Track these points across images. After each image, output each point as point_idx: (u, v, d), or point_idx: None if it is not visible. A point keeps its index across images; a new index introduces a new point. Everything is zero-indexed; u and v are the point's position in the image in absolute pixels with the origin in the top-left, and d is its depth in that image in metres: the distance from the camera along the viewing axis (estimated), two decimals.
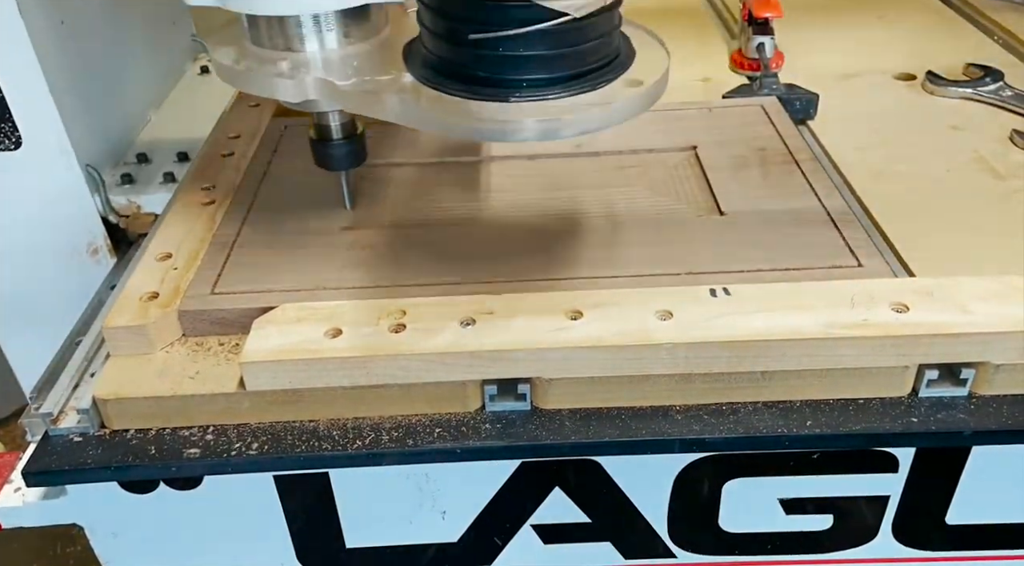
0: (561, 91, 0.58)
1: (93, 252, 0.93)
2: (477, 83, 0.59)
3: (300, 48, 0.67)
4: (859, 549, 0.73)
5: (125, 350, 0.67)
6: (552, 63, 0.58)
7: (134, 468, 0.62)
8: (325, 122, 0.74)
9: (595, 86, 0.59)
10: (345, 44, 0.67)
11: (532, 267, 0.72)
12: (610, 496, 0.69)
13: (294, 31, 0.66)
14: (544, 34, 0.55)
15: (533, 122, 0.57)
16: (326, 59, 0.67)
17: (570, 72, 0.59)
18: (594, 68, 0.60)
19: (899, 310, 0.63)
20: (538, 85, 0.58)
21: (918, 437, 0.63)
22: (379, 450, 0.62)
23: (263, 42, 0.68)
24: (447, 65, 0.61)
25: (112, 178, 0.96)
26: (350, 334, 0.63)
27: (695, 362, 0.63)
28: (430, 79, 0.61)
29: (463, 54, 0.59)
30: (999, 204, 0.81)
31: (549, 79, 0.58)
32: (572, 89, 0.58)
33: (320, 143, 0.75)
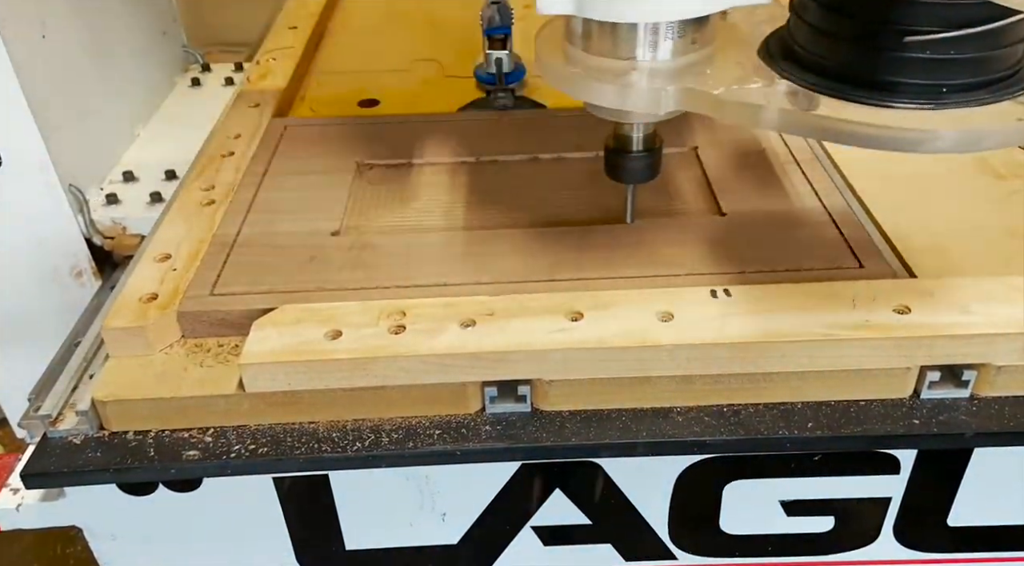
0: (984, 98, 0.54)
1: (77, 275, 0.91)
2: (885, 89, 0.54)
3: (646, 55, 0.61)
4: (860, 551, 0.73)
5: (124, 352, 0.67)
6: (977, 67, 0.53)
7: (133, 470, 0.62)
8: (627, 133, 0.70)
9: (1014, 94, 0.54)
10: (692, 51, 0.62)
11: (532, 268, 0.72)
12: (611, 498, 0.69)
13: (644, 37, 0.61)
14: (981, 35, 0.51)
15: (953, 133, 0.52)
16: (676, 67, 0.61)
17: (989, 78, 0.54)
18: (1008, 74, 0.55)
19: (900, 311, 0.63)
20: (958, 90, 0.53)
21: (920, 439, 0.63)
22: (379, 452, 0.62)
23: (603, 50, 0.62)
24: (843, 69, 0.56)
25: (96, 198, 0.93)
26: (350, 335, 0.63)
27: (696, 363, 0.62)
28: (820, 85, 0.56)
29: (876, 57, 0.54)
30: (999, 204, 0.81)
31: (970, 84, 0.54)
32: (994, 96, 0.54)
33: (617, 154, 0.71)
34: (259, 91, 1.03)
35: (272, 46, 1.18)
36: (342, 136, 0.94)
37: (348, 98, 1.06)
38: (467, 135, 0.93)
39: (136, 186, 0.97)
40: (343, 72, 1.16)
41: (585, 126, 0.94)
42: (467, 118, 0.99)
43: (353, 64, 1.18)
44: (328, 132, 0.95)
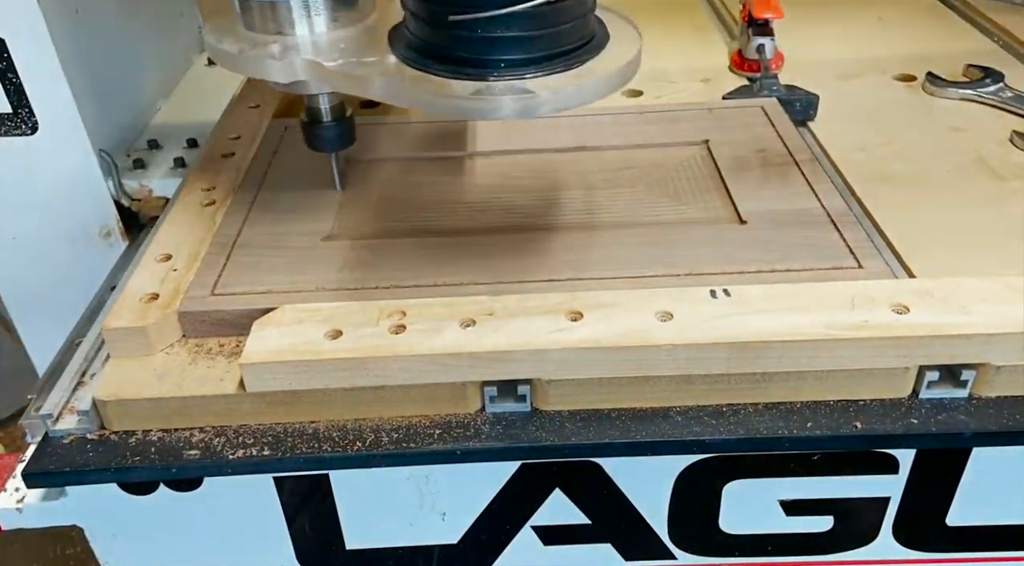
0: (537, 71, 0.62)
1: (106, 235, 0.95)
2: (457, 63, 0.62)
3: (291, 32, 0.70)
4: (859, 550, 0.73)
5: (125, 351, 0.67)
6: (529, 44, 0.61)
7: (134, 469, 0.62)
8: (316, 105, 0.78)
9: (569, 66, 0.62)
10: (333, 28, 0.71)
11: (532, 267, 0.72)
12: (610, 498, 0.69)
13: (285, 16, 0.70)
14: (522, 15, 0.59)
15: (510, 100, 0.60)
16: (315, 42, 0.70)
17: (546, 52, 0.62)
18: (569, 49, 0.63)
19: (899, 311, 0.63)
20: (516, 65, 0.61)
21: (918, 439, 0.63)
22: (379, 451, 0.62)
23: (256, 27, 0.72)
24: (429, 47, 0.64)
25: (124, 163, 0.98)
26: (350, 335, 0.63)
27: (695, 363, 0.62)
28: (413, 60, 0.64)
29: (444, 35, 0.62)
30: (999, 205, 0.81)
31: (526, 59, 0.62)
32: (548, 69, 0.62)
33: (311, 125, 0.79)
34: (259, 91, 1.03)
35: None
36: None
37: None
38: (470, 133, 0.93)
39: (160, 153, 1.02)
40: None
41: (585, 125, 0.94)
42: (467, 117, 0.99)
43: None
44: None
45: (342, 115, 0.79)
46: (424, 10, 0.63)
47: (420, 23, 0.64)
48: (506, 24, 0.60)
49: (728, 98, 1.02)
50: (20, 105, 0.87)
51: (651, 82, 1.07)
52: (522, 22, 0.60)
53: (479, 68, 0.62)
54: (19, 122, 0.88)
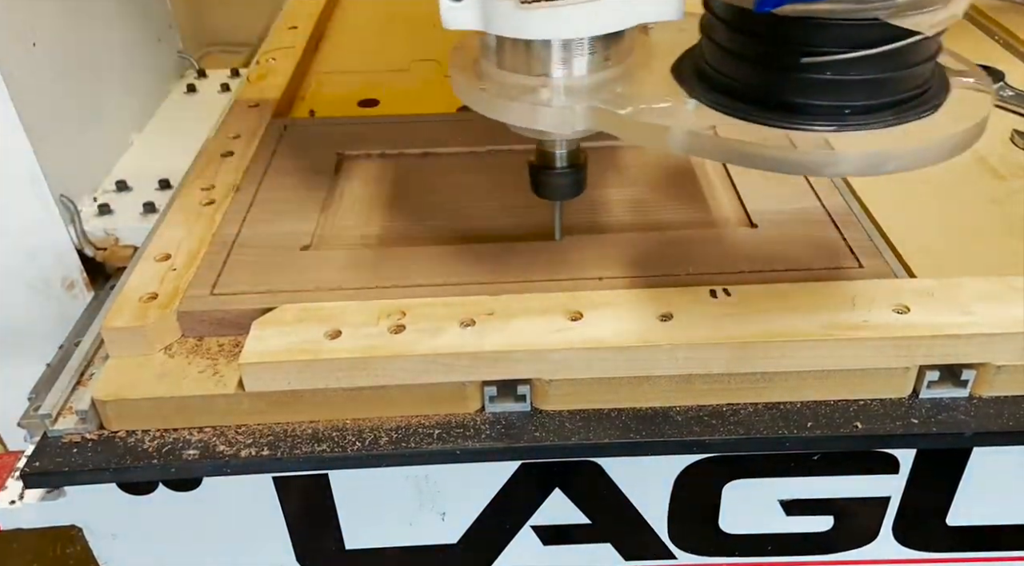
0: (886, 120, 0.53)
1: (69, 286, 0.89)
2: (790, 110, 0.53)
3: (559, 73, 0.60)
4: (860, 550, 0.73)
5: (124, 351, 0.67)
6: (878, 88, 0.52)
7: (133, 469, 0.62)
8: (551, 149, 0.68)
9: (919, 115, 0.53)
10: (604, 68, 0.60)
11: (532, 267, 0.72)
12: (610, 497, 0.69)
13: (556, 54, 0.59)
14: (879, 56, 0.50)
15: (856, 155, 0.51)
16: (590, 84, 0.60)
17: (895, 98, 0.53)
18: (915, 94, 0.54)
19: (900, 311, 0.63)
20: (861, 112, 0.53)
21: (919, 438, 0.63)
22: (378, 451, 0.62)
23: (516, 66, 0.60)
24: (749, 90, 0.54)
25: (89, 208, 0.92)
26: (350, 335, 0.63)
27: (695, 363, 0.62)
28: (722, 105, 0.55)
29: (777, 78, 0.53)
30: (999, 204, 0.81)
31: (873, 106, 0.53)
32: (898, 118, 0.53)
33: (542, 170, 0.69)
34: (259, 91, 1.03)
35: (272, 46, 1.18)
36: (342, 136, 0.94)
37: (348, 98, 1.06)
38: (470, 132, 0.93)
39: (129, 196, 0.96)
40: (343, 72, 1.16)
41: None
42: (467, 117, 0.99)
43: (353, 64, 1.18)
44: (328, 132, 0.95)
45: (577, 162, 0.69)
46: (754, 49, 0.53)
47: (741, 63, 0.54)
48: (863, 66, 0.50)
49: None
50: None
51: None
52: (881, 62, 0.50)
53: (817, 117, 0.52)
54: None
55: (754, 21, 0.52)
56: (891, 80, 0.52)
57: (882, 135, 0.52)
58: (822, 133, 0.52)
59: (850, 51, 0.50)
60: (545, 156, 0.69)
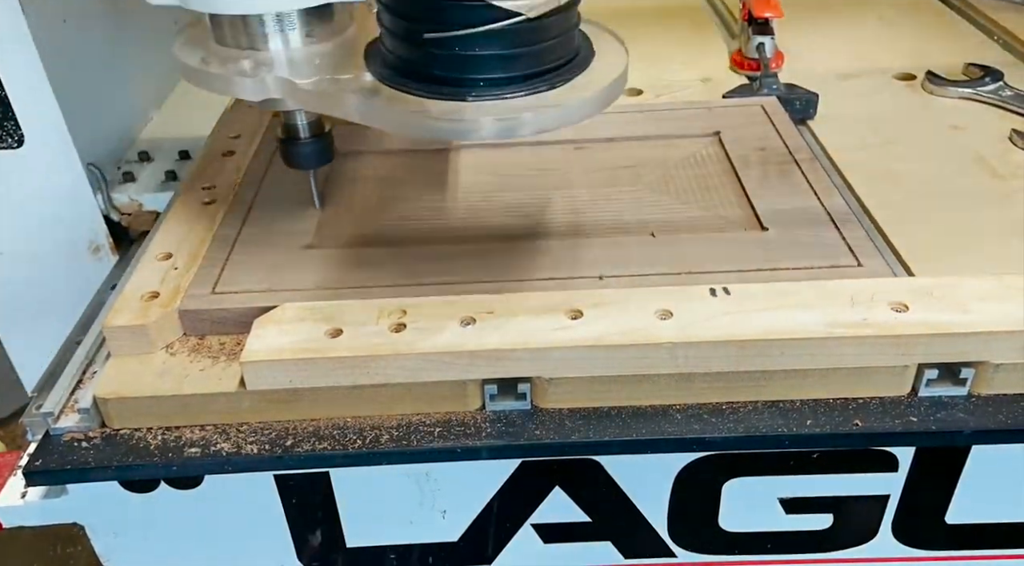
0: (518, 90, 0.59)
1: (95, 250, 0.93)
2: (435, 82, 0.59)
3: (263, 47, 0.67)
4: (859, 548, 0.73)
5: (126, 349, 0.67)
6: (508, 62, 0.59)
7: (135, 467, 0.62)
8: (292, 121, 0.74)
9: (553, 85, 0.60)
10: (308, 43, 0.67)
11: (532, 267, 0.72)
12: (610, 495, 0.69)
13: (256, 30, 0.66)
14: (500, 33, 0.56)
15: (490, 121, 0.58)
16: (289, 58, 0.67)
17: (527, 71, 0.59)
18: (552, 67, 0.61)
19: (899, 310, 0.63)
20: (495, 84, 0.59)
21: (918, 436, 0.63)
22: (379, 449, 0.62)
23: (226, 41, 0.68)
24: (405, 64, 0.61)
25: (114, 176, 0.96)
26: (350, 333, 0.63)
27: (695, 361, 0.63)
28: (389, 78, 0.62)
29: (420, 53, 0.59)
30: (999, 204, 0.81)
31: (506, 78, 0.59)
32: (529, 88, 0.59)
33: (288, 142, 0.75)
34: None
35: None
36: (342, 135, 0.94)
37: None
38: None
39: (151, 166, 1.00)
40: None
41: None
42: None
43: None
44: None
45: (321, 132, 0.76)
46: (400, 27, 0.60)
47: (396, 40, 0.61)
48: (485, 42, 0.57)
49: (728, 97, 1.02)
50: (5, 117, 0.85)
51: (651, 81, 1.07)
52: (502, 40, 0.57)
53: (457, 87, 0.59)
54: (4, 135, 0.85)
55: (396, 1, 0.59)
56: (517, 56, 0.58)
57: (514, 103, 0.59)
58: (459, 103, 0.58)
59: (463, 29, 0.56)
60: (289, 129, 0.75)
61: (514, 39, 0.58)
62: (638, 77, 1.07)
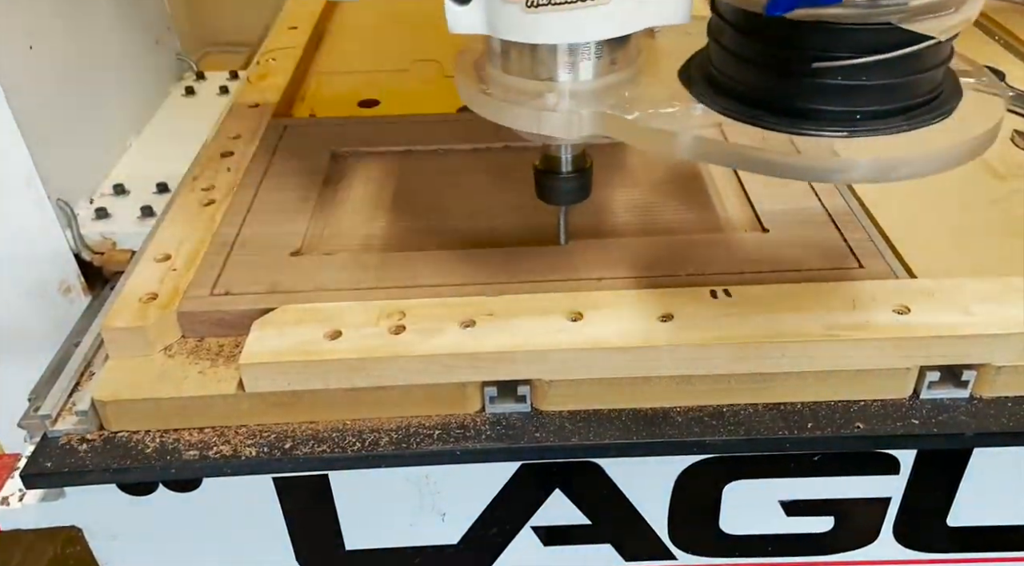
0: (899, 125, 0.52)
1: (65, 291, 0.88)
2: (799, 115, 0.52)
3: (566, 78, 0.58)
4: (860, 551, 0.73)
5: (124, 352, 0.67)
6: (890, 94, 0.52)
7: (133, 470, 0.62)
8: (556, 153, 0.67)
9: (931, 121, 0.52)
10: (611, 72, 0.59)
11: (532, 268, 0.72)
12: (610, 498, 0.69)
13: (563, 58, 0.58)
14: (891, 61, 0.49)
15: (866, 161, 0.50)
16: (596, 89, 0.59)
17: (903, 104, 0.52)
18: (927, 100, 0.53)
19: (900, 311, 0.63)
20: (872, 117, 0.52)
21: (919, 439, 0.63)
22: (379, 452, 0.62)
23: (523, 71, 0.59)
24: (761, 95, 0.53)
25: (86, 212, 0.91)
26: (350, 336, 0.63)
27: (695, 364, 0.62)
28: (733, 110, 0.54)
29: (788, 84, 0.52)
30: (999, 204, 0.81)
31: (884, 111, 0.52)
32: (909, 123, 0.52)
33: (547, 175, 0.68)
34: (259, 91, 1.03)
35: (272, 46, 1.18)
36: (342, 137, 0.94)
37: (348, 98, 1.06)
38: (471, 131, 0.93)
39: (127, 200, 0.95)
40: (343, 72, 1.16)
41: None
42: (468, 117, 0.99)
43: (353, 64, 1.18)
44: (328, 132, 0.95)
45: (583, 167, 0.68)
46: (764, 54, 0.52)
47: (751, 68, 0.53)
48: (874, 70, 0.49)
49: None
50: None
51: None
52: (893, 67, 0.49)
53: (829, 122, 0.51)
54: None
55: (764, 25, 0.51)
56: (902, 85, 0.51)
57: (892, 141, 0.51)
58: (830, 139, 0.51)
59: (861, 56, 0.49)
60: (550, 160, 0.67)
61: (903, 66, 0.50)
62: None
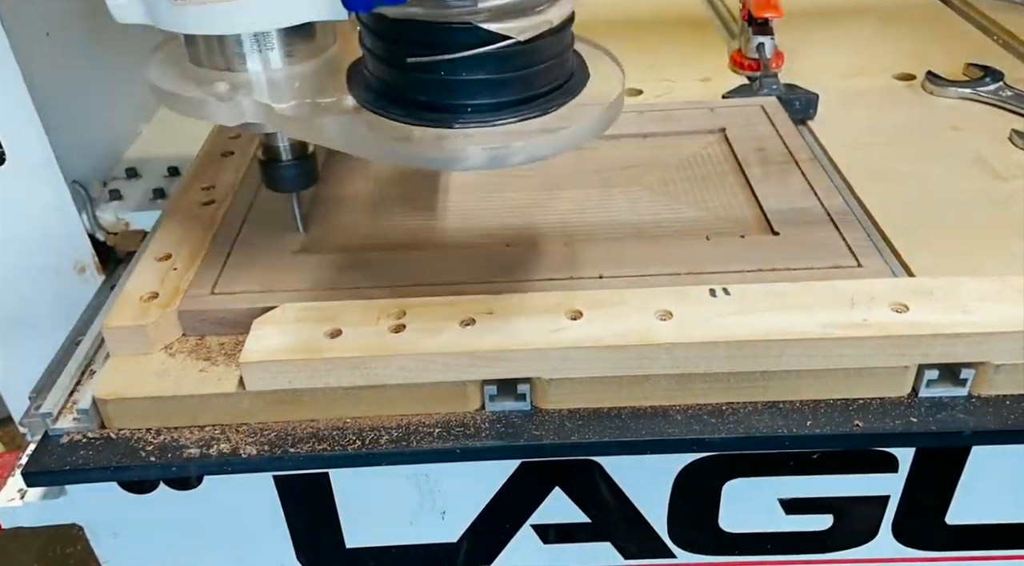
0: (508, 116, 0.55)
1: (80, 270, 0.90)
2: (419, 107, 0.56)
3: (240, 68, 0.62)
4: (859, 549, 0.73)
5: (125, 350, 0.67)
6: (498, 88, 0.55)
7: (133, 468, 0.62)
8: (274, 143, 0.70)
9: (545, 110, 0.56)
10: (288, 64, 0.63)
11: (532, 267, 0.72)
12: (610, 496, 0.69)
13: (233, 50, 0.61)
14: (488, 58, 0.52)
15: (478, 149, 0.54)
16: (268, 80, 0.62)
17: (517, 97, 0.56)
18: (543, 92, 0.57)
19: (899, 310, 0.63)
20: (483, 110, 0.55)
21: (918, 437, 0.63)
22: (379, 450, 0.62)
23: (201, 61, 0.63)
24: (388, 88, 0.57)
25: (100, 194, 0.93)
26: (350, 334, 0.63)
27: (695, 362, 0.62)
28: (371, 103, 0.58)
29: (404, 77, 0.56)
30: (999, 204, 0.81)
31: (495, 104, 0.55)
32: (520, 114, 0.55)
33: (269, 164, 0.71)
34: None
35: None
36: None
37: None
38: None
39: (139, 183, 0.97)
40: None
41: None
42: None
43: None
44: None
45: (304, 153, 0.71)
46: (383, 49, 0.56)
47: (379, 63, 0.57)
48: (473, 67, 0.53)
49: (728, 97, 1.02)
50: None
51: (651, 81, 1.07)
52: (491, 64, 0.53)
53: (443, 113, 0.55)
54: None
55: (376, 22, 0.55)
56: (504, 81, 0.55)
57: (501, 131, 0.55)
58: (440, 129, 0.54)
59: (449, 53, 0.52)
60: (270, 150, 0.70)
61: (503, 64, 0.54)
62: (638, 76, 1.07)
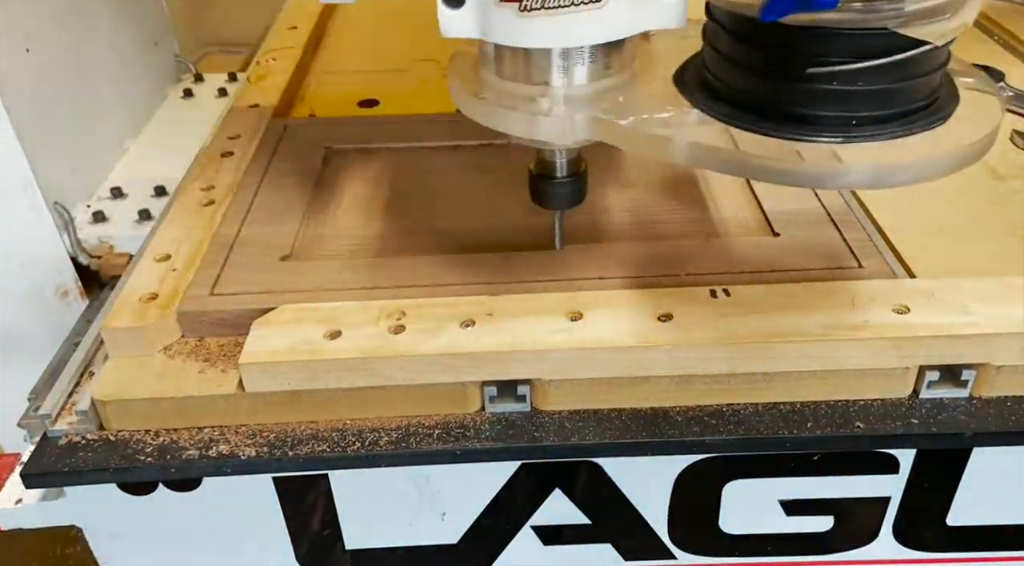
0: (896, 130, 0.51)
1: (63, 295, 0.88)
2: (796, 121, 0.51)
3: (558, 82, 0.58)
4: (860, 550, 0.73)
5: (124, 351, 0.67)
6: (887, 99, 0.51)
7: (133, 470, 0.62)
8: (550, 158, 0.66)
9: (929, 126, 0.52)
10: (604, 76, 0.59)
11: (532, 267, 0.72)
12: (610, 498, 0.69)
13: (556, 62, 0.57)
14: (894, 66, 0.49)
15: (864, 167, 0.50)
16: (591, 94, 0.58)
17: (901, 110, 0.52)
18: (924, 105, 0.53)
19: (900, 311, 0.63)
20: (869, 122, 0.51)
21: (919, 439, 0.63)
22: (378, 451, 0.62)
23: (511, 74, 0.59)
24: (756, 100, 0.53)
25: (83, 215, 0.91)
26: (349, 335, 0.63)
27: (695, 364, 0.62)
28: (730, 116, 0.54)
29: (783, 88, 0.52)
30: (999, 204, 0.81)
31: (882, 117, 0.51)
32: (907, 129, 0.51)
33: (541, 179, 0.68)
34: (258, 91, 1.03)
35: (272, 46, 1.18)
36: (342, 136, 0.94)
37: (348, 98, 1.06)
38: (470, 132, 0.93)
39: (124, 203, 0.95)
40: (343, 72, 1.16)
41: None
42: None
43: (353, 64, 1.18)
44: (327, 132, 0.95)
45: (578, 171, 0.67)
46: (760, 59, 0.52)
47: (746, 74, 0.53)
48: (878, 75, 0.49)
49: None
50: None
51: None
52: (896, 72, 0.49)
53: (827, 127, 0.51)
54: None
55: (759, 30, 0.51)
56: (900, 90, 0.51)
57: (890, 146, 0.51)
58: (829, 145, 0.51)
59: (858, 61, 0.49)
60: (544, 165, 0.67)
61: (900, 71, 0.50)
62: None
